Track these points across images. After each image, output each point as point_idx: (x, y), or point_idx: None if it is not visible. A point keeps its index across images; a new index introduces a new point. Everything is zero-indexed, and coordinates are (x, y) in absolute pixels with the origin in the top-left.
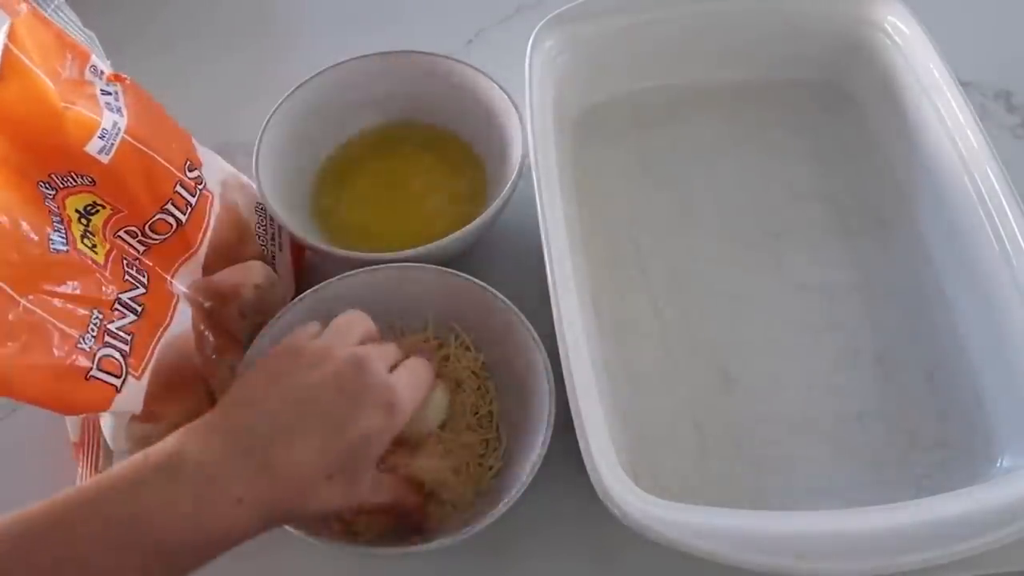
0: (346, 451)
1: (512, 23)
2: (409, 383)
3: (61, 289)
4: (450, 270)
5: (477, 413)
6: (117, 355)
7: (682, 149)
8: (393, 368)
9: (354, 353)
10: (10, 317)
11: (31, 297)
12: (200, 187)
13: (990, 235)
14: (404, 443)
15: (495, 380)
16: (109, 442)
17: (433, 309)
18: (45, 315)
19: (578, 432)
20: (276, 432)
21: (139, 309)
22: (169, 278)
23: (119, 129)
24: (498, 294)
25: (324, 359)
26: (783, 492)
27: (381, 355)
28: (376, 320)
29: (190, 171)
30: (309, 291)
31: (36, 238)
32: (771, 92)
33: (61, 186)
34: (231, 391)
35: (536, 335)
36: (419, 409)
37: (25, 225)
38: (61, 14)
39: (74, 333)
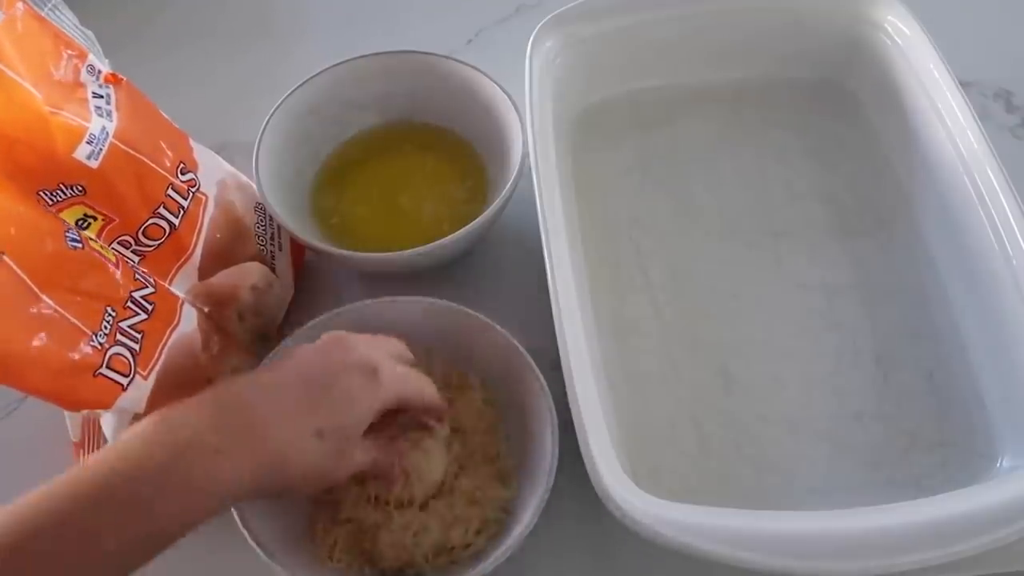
0: (330, 409)
1: (512, 23)
2: (399, 369)
3: (79, 284)
4: (443, 301)
5: (487, 455)
6: (127, 353)
7: (682, 149)
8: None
9: (335, 334)
10: (32, 311)
11: (51, 292)
12: (193, 189)
13: (990, 235)
14: (410, 502)
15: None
16: (110, 441)
17: (439, 345)
18: (63, 311)
19: (578, 432)
20: (262, 395)
21: (149, 308)
22: (167, 285)
23: (107, 134)
24: (505, 332)
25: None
26: (783, 492)
27: (376, 341)
28: None
29: (182, 174)
30: (313, 321)
31: (53, 234)
32: (771, 92)
33: (51, 202)
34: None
35: (542, 377)
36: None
37: (42, 222)
38: (58, 13)
39: (87, 330)
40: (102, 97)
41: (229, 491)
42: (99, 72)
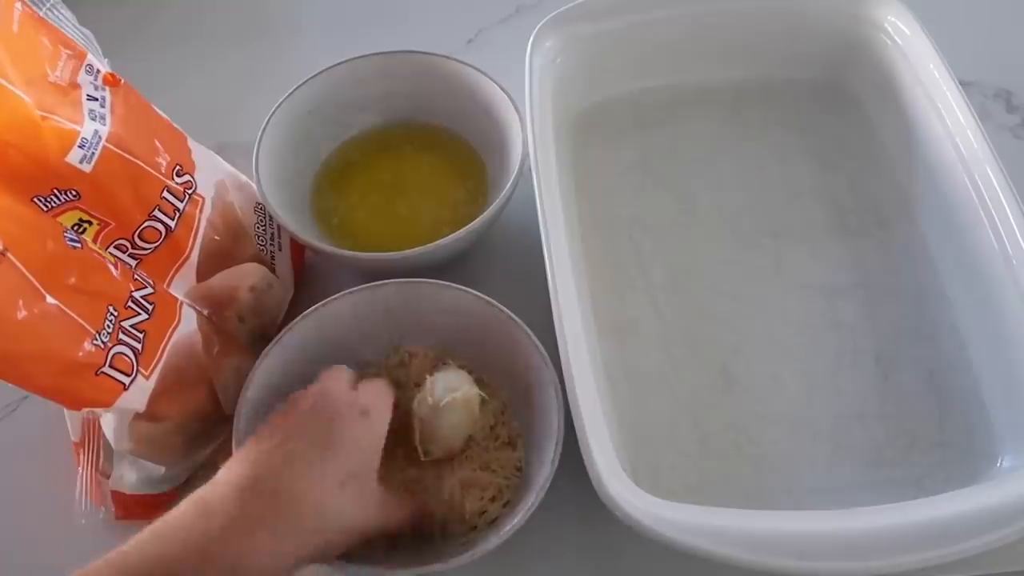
0: (344, 458)
1: (512, 23)
2: (372, 391)
3: (81, 283)
4: (455, 285)
5: (497, 438)
6: (129, 353)
7: (682, 149)
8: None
9: (317, 387)
10: (35, 309)
11: (54, 290)
12: (189, 191)
13: (990, 235)
14: (437, 462)
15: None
16: (111, 441)
17: (438, 324)
18: (66, 309)
19: (578, 432)
20: (284, 463)
21: (150, 308)
22: (165, 288)
23: (100, 137)
24: (504, 308)
25: (301, 402)
26: (783, 492)
27: (339, 378)
28: (379, 337)
29: (178, 176)
30: (310, 309)
31: (53, 234)
32: (771, 92)
33: (45, 207)
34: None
35: (545, 352)
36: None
37: (40, 222)
38: (56, 13)
39: (91, 328)
40: (97, 100)
41: (274, 565)
42: (97, 72)
